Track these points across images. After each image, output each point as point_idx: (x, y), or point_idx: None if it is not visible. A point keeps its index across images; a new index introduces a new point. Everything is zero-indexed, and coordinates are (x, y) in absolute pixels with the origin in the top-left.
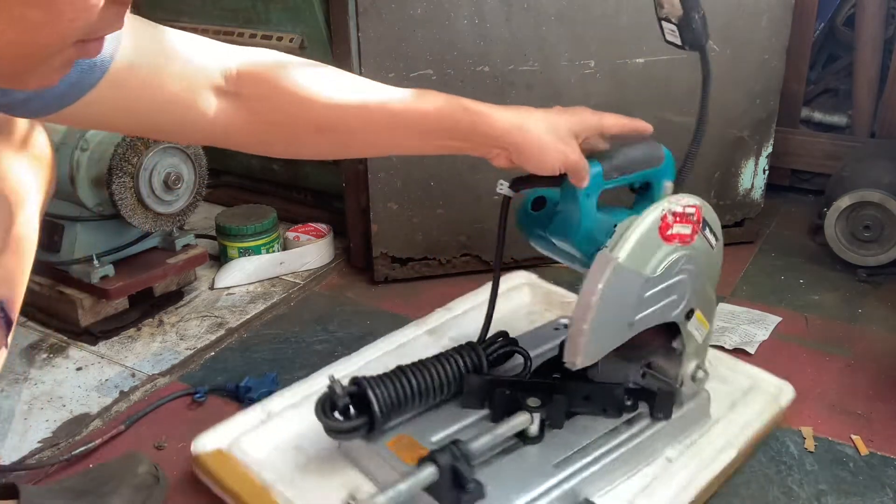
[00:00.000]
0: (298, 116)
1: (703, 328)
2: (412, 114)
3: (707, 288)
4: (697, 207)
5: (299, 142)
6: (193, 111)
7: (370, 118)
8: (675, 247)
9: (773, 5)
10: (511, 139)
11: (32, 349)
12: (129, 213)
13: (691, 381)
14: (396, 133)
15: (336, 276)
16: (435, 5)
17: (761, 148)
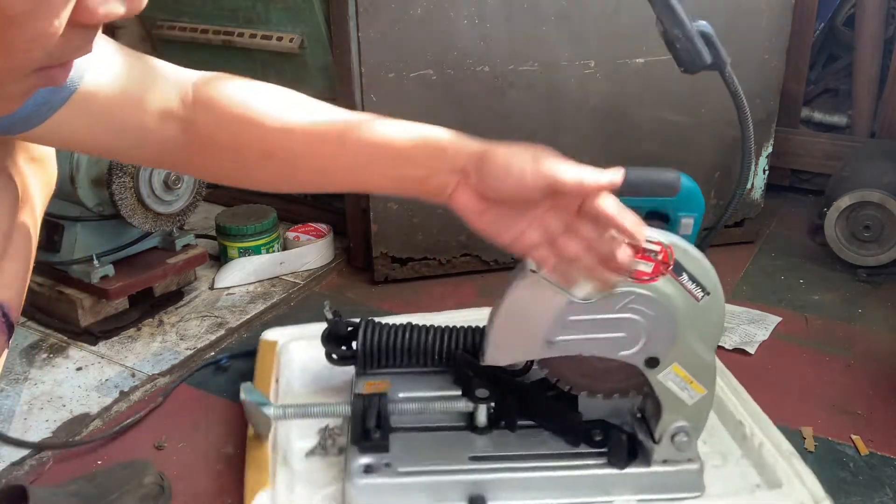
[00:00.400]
0: (245, 141)
1: (693, 390)
2: (365, 141)
3: (693, 344)
4: (664, 248)
5: (247, 168)
6: (149, 136)
7: (318, 142)
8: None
9: (773, 5)
10: (471, 154)
11: (32, 349)
12: (129, 213)
13: (670, 442)
14: (346, 163)
15: (336, 276)
16: (435, 5)
17: (761, 148)
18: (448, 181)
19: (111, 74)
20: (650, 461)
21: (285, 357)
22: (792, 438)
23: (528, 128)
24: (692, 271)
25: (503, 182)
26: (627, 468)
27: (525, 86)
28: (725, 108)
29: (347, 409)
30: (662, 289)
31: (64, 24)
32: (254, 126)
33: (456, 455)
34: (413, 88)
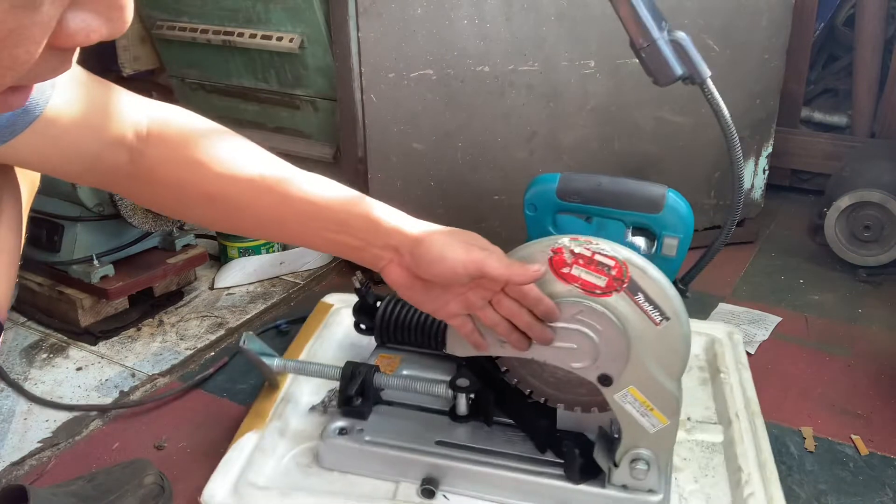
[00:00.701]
0: (189, 181)
1: (654, 418)
2: (305, 199)
3: (652, 369)
4: (618, 263)
5: (188, 206)
6: (99, 162)
7: (262, 194)
8: (571, 289)
9: (773, 5)
10: (406, 237)
11: (32, 349)
12: (129, 213)
13: (628, 468)
14: (286, 216)
15: (336, 276)
16: (435, 5)
17: (761, 148)
18: (381, 256)
19: (73, 100)
20: (607, 483)
21: (334, 320)
22: (792, 438)
23: (528, 128)
24: (650, 293)
25: (435, 268)
26: (584, 486)
27: (525, 86)
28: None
29: (338, 373)
30: (616, 306)
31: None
32: (200, 168)
33: (425, 437)
34: (413, 88)
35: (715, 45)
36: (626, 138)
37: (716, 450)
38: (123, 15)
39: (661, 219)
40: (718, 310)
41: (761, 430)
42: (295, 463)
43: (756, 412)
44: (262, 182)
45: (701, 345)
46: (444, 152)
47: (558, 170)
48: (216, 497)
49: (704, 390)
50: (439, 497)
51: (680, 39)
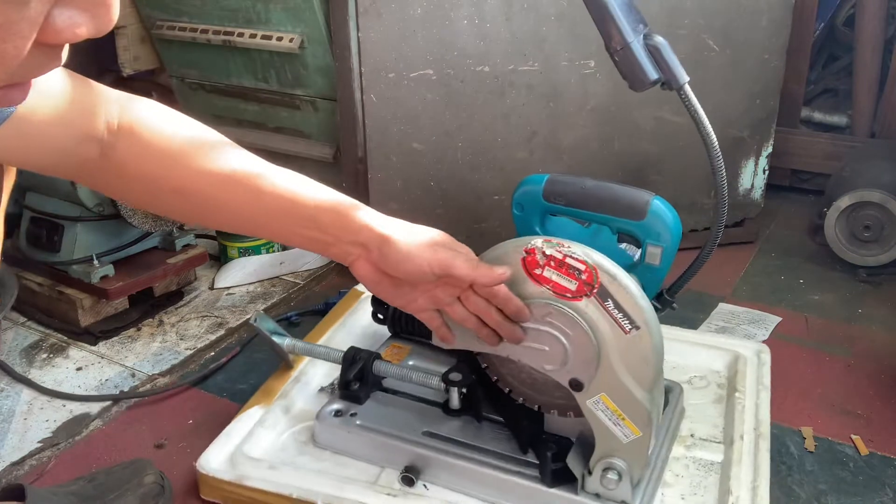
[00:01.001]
0: (160, 176)
1: (626, 428)
2: (277, 194)
3: (623, 378)
4: (588, 268)
5: (160, 199)
6: (71, 156)
7: (233, 188)
8: (542, 291)
9: (773, 5)
10: (374, 234)
11: (32, 349)
12: (129, 213)
13: (600, 476)
14: (258, 211)
15: (336, 276)
16: (435, 5)
17: (761, 148)
18: (350, 251)
19: (47, 95)
20: (579, 490)
21: (362, 307)
22: (792, 438)
23: (528, 128)
24: (620, 301)
25: (402, 266)
26: (558, 490)
27: (525, 86)
28: (725, 108)
29: (341, 357)
30: (585, 310)
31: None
32: (171, 162)
33: (414, 426)
34: (413, 88)
35: (715, 45)
36: (626, 138)
37: (712, 469)
38: (109, 13)
39: (645, 226)
40: (718, 310)
41: (764, 453)
42: (293, 440)
43: (764, 434)
44: (233, 177)
45: (724, 361)
46: (444, 152)
47: (558, 170)
48: (211, 463)
49: (717, 408)
50: (419, 486)
51: (657, 44)
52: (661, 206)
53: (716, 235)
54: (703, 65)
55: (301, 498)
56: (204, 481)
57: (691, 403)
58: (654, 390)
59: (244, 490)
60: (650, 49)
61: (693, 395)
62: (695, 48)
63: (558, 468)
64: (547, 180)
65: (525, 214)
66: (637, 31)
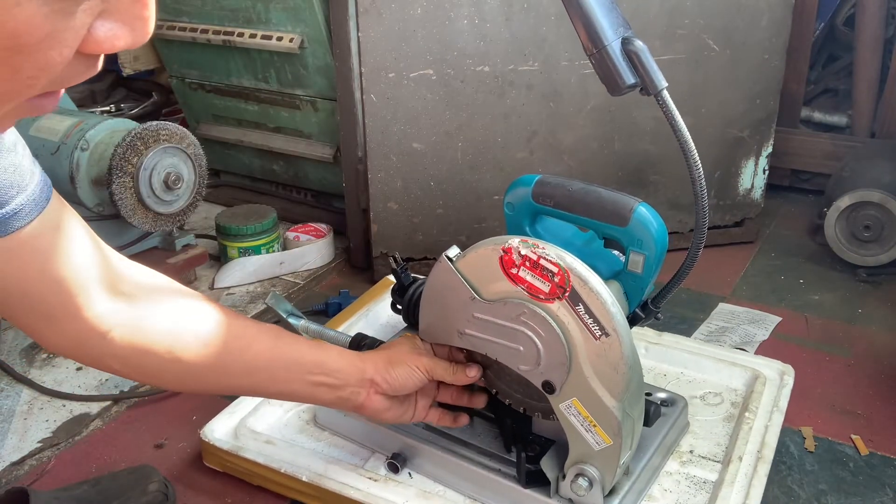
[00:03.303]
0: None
1: (598, 435)
2: (285, 350)
3: (593, 384)
4: (561, 270)
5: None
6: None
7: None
8: (517, 290)
9: (773, 5)
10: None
11: (32, 349)
12: (129, 213)
13: (571, 482)
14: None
15: (336, 275)
16: (435, 5)
17: (761, 148)
18: (359, 391)
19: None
20: (552, 493)
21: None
22: (792, 438)
23: (528, 128)
24: (590, 306)
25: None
26: (532, 491)
27: (525, 86)
28: (725, 108)
29: (345, 339)
30: (557, 313)
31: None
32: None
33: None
34: (413, 88)
35: (715, 45)
36: (626, 138)
37: (703, 488)
38: (146, 26)
39: (628, 232)
40: (718, 310)
41: (761, 476)
42: (297, 418)
43: (765, 458)
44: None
45: (744, 379)
46: (444, 152)
47: (558, 171)
48: (215, 433)
49: (725, 427)
50: (403, 474)
51: (636, 48)
52: (646, 213)
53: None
54: (703, 65)
55: (288, 472)
56: (206, 449)
57: (699, 419)
58: (627, 400)
59: (240, 461)
60: (628, 53)
61: (703, 412)
62: (695, 48)
63: (533, 470)
64: (536, 181)
65: (515, 214)
66: (616, 33)
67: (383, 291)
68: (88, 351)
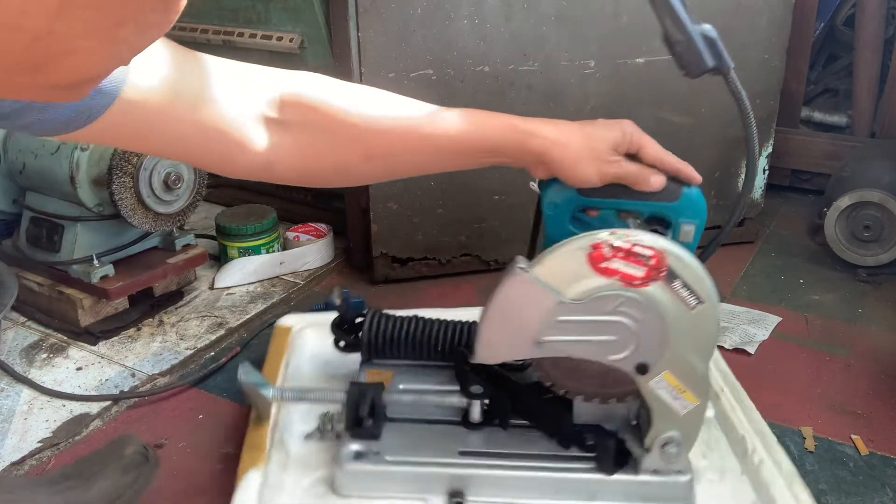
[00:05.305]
0: (347, 146)
1: (685, 399)
2: (461, 138)
3: (686, 353)
4: (658, 253)
5: (347, 170)
6: (232, 144)
7: (419, 144)
8: (611, 282)
9: (773, 5)
10: (550, 157)
11: (32, 349)
12: (129, 213)
13: (660, 452)
14: (443, 156)
15: (336, 276)
16: (435, 5)
17: (761, 148)
18: (528, 165)
19: (168, 79)
20: (639, 470)
21: (298, 342)
22: (792, 438)
23: None
24: (686, 279)
25: (571, 181)
26: (616, 475)
27: (525, 86)
28: (725, 108)
29: (343, 396)
30: (653, 294)
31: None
32: (355, 131)
33: (445, 448)
34: (413, 88)
35: None
36: None
37: (711, 424)
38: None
39: (679, 207)
40: None
41: (746, 401)
42: (311, 496)
43: (736, 386)
44: (417, 132)
45: None
46: None
47: None
48: None
49: None
50: None
51: (708, 32)
52: (694, 189)
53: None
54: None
55: None
56: None
57: None
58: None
59: None
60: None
61: None
62: None
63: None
64: None
65: (558, 213)
66: (694, 21)
67: (285, 340)
68: (269, 176)
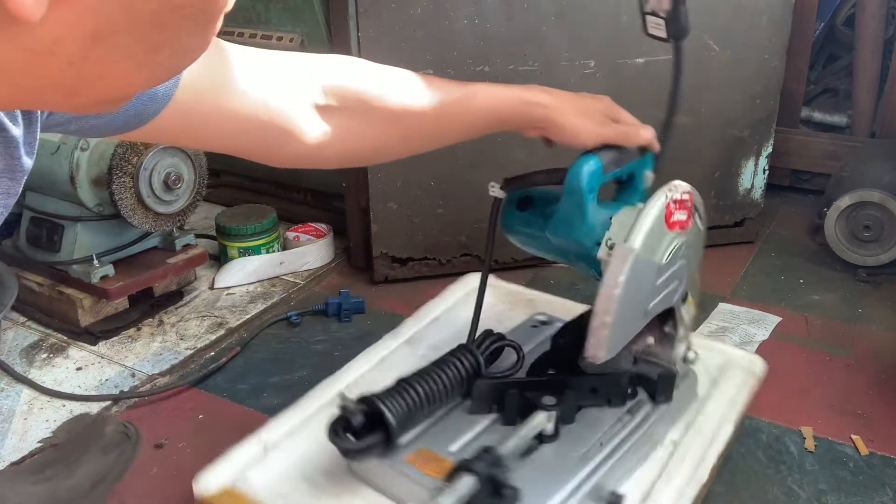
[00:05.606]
0: (389, 131)
1: (691, 309)
2: (482, 113)
3: (694, 270)
4: (691, 193)
5: (386, 151)
6: (283, 133)
7: (449, 122)
8: (676, 233)
9: (773, 5)
10: (553, 121)
11: (32, 349)
12: (129, 213)
13: (683, 363)
14: (460, 130)
15: (336, 275)
16: (435, 5)
17: (761, 148)
18: (523, 129)
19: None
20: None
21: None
22: (792, 438)
23: None
24: (699, 208)
25: (570, 140)
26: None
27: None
28: (725, 108)
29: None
30: (693, 231)
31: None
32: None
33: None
34: None
35: (715, 45)
36: None
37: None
38: None
39: (647, 160)
40: (718, 310)
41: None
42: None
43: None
44: (445, 113)
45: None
46: (444, 152)
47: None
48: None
49: None
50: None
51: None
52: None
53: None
54: (703, 65)
55: None
56: None
57: None
58: None
59: None
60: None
61: None
62: (695, 48)
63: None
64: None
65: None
66: None
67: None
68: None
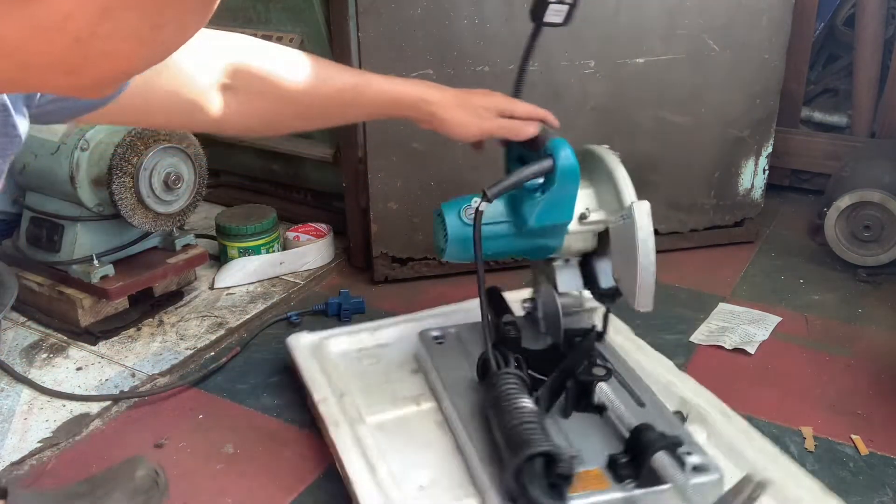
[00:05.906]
0: (283, 109)
1: None
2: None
3: None
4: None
5: (278, 126)
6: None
7: (339, 106)
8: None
9: (773, 5)
10: (437, 116)
11: (32, 349)
12: (129, 213)
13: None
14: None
15: (336, 275)
16: (435, 5)
17: (761, 148)
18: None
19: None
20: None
21: None
22: (792, 438)
23: None
24: None
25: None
26: None
27: (525, 86)
28: (725, 108)
29: None
30: None
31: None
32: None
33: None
34: None
35: (715, 45)
36: (625, 138)
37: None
38: None
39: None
40: (718, 310)
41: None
42: None
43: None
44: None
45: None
46: (444, 152)
47: None
48: None
49: None
50: None
51: None
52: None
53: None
54: (703, 65)
55: None
56: None
57: None
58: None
59: None
60: None
61: None
62: (695, 48)
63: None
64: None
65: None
66: None
67: None
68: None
